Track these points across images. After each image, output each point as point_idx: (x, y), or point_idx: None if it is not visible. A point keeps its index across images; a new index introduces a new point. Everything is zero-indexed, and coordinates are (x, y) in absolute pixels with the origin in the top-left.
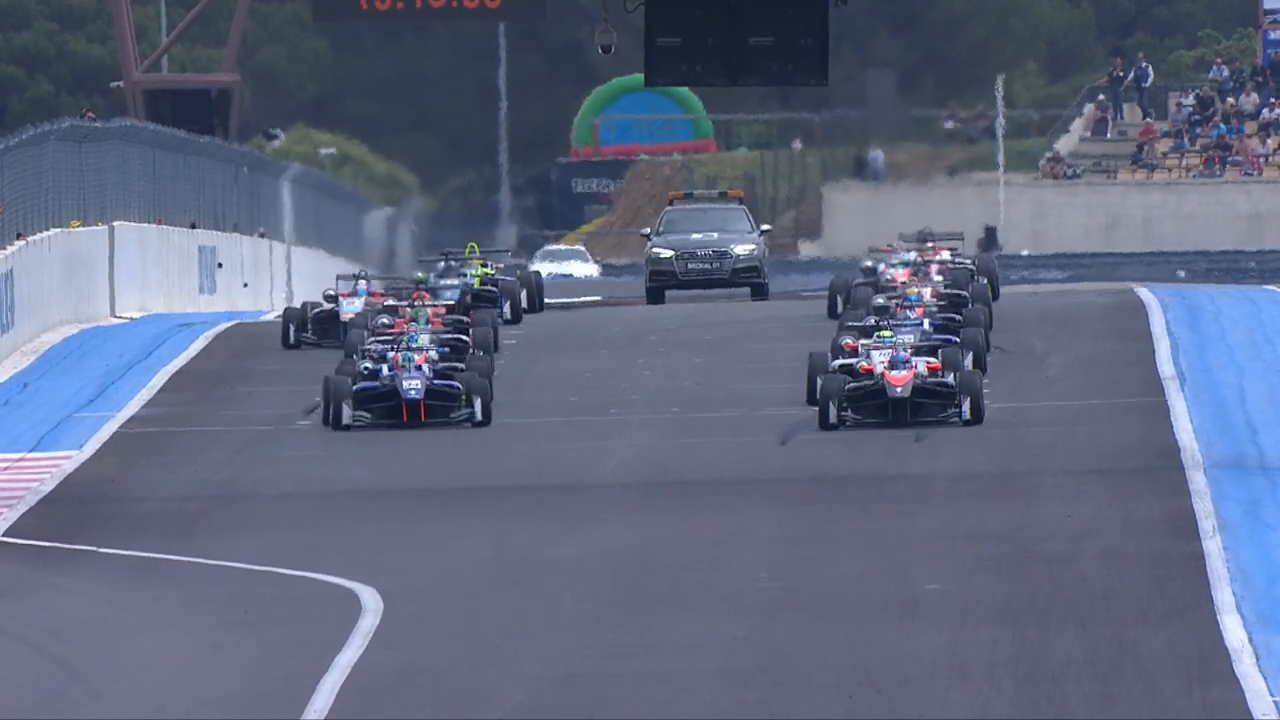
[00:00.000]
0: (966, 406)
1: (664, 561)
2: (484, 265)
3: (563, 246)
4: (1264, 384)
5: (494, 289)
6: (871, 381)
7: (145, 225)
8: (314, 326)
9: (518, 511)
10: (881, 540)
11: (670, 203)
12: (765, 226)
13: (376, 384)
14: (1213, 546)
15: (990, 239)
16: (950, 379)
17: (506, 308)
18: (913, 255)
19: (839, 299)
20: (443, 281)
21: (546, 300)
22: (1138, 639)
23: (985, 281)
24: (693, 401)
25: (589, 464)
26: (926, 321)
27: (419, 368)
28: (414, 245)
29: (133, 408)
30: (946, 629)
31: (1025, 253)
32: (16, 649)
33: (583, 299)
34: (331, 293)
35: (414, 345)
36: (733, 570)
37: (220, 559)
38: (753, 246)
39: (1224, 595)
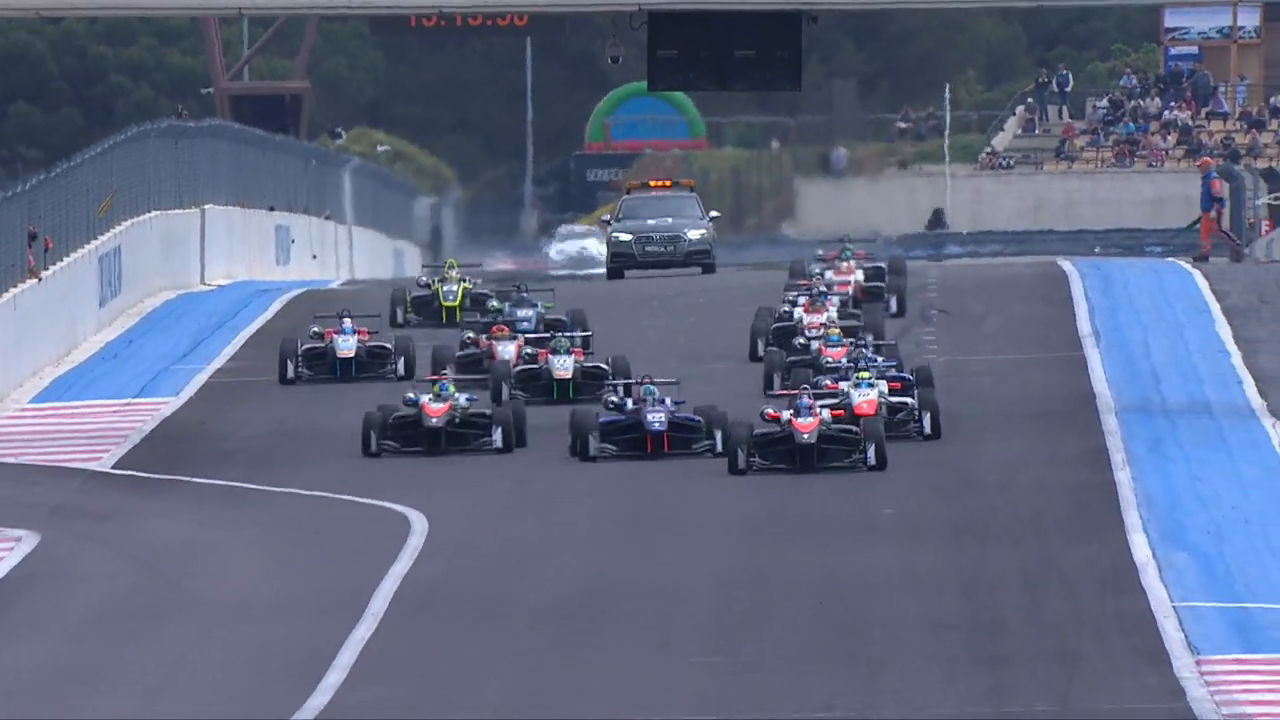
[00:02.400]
0: (871, 452)
1: (664, 494)
2: (463, 280)
3: (578, 227)
4: (1165, 340)
5: (564, 318)
6: (779, 429)
7: (230, 208)
8: (305, 361)
9: (538, 448)
10: (844, 472)
11: (628, 191)
12: (714, 213)
13: (622, 417)
14: (1123, 477)
15: (938, 219)
16: (855, 427)
17: (578, 330)
18: (829, 274)
19: (759, 341)
20: (519, 312)
21: (567, 274)
22: (1060, 555)
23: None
24: (688, 355)
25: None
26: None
27: (661, 401)
28: (456, 227)
29: (220, 361)
30: (900, 546)
31: (967, 231)
32: (124, 562)
33: (592, 271)
34: (318, 330)
35: (653, 395)
36: (721, 499)
37: (292, 487)
38: (703, 231)
39: (1132, 518)
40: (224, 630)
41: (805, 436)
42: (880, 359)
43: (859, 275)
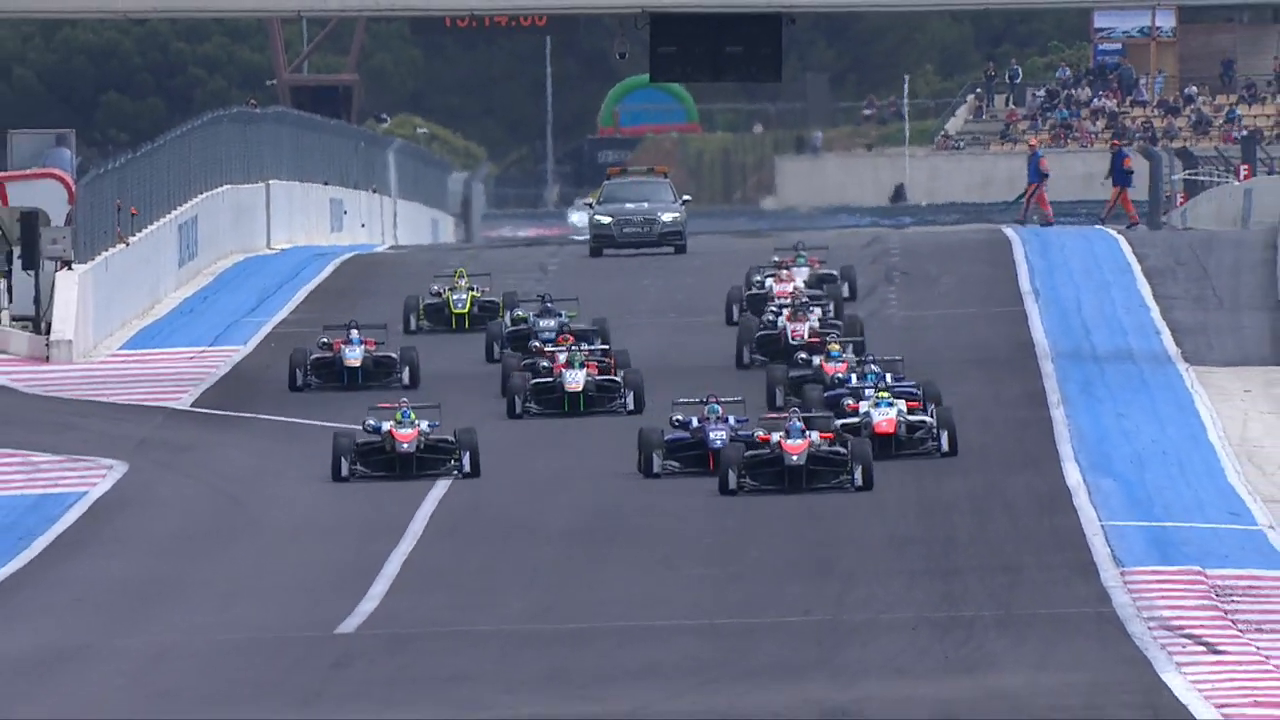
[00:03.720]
0: (859, 473)
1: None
2: (472, 289)
3: (591, 200)
4: (1094, 298)
5: (590, 328)
6: (769, 450)
7: (291, 182)
8: (314, 370)
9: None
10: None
11: (609, 177)
12: (686, 197)
13: (686, 435)
14: (1058, 414)
15: (899, 193)
16: (843, 449)
17: (598, 342)
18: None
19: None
20: (542, 323)
21: (579, 239)
22: (1004, 481)
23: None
24: (686, 309)
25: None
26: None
27: (725, 420)
28: (485, 199)
29: (282, 314)
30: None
31: (924, 203)
32: (199, 488)
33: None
34: (326, 340)
35: (715, 414)
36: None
37: (343, 423)
38: (676, 214)
39: (1065, 449)
40: (286, 547)
41: (795, 458)
42: (879, 370)
43: (799, 283)
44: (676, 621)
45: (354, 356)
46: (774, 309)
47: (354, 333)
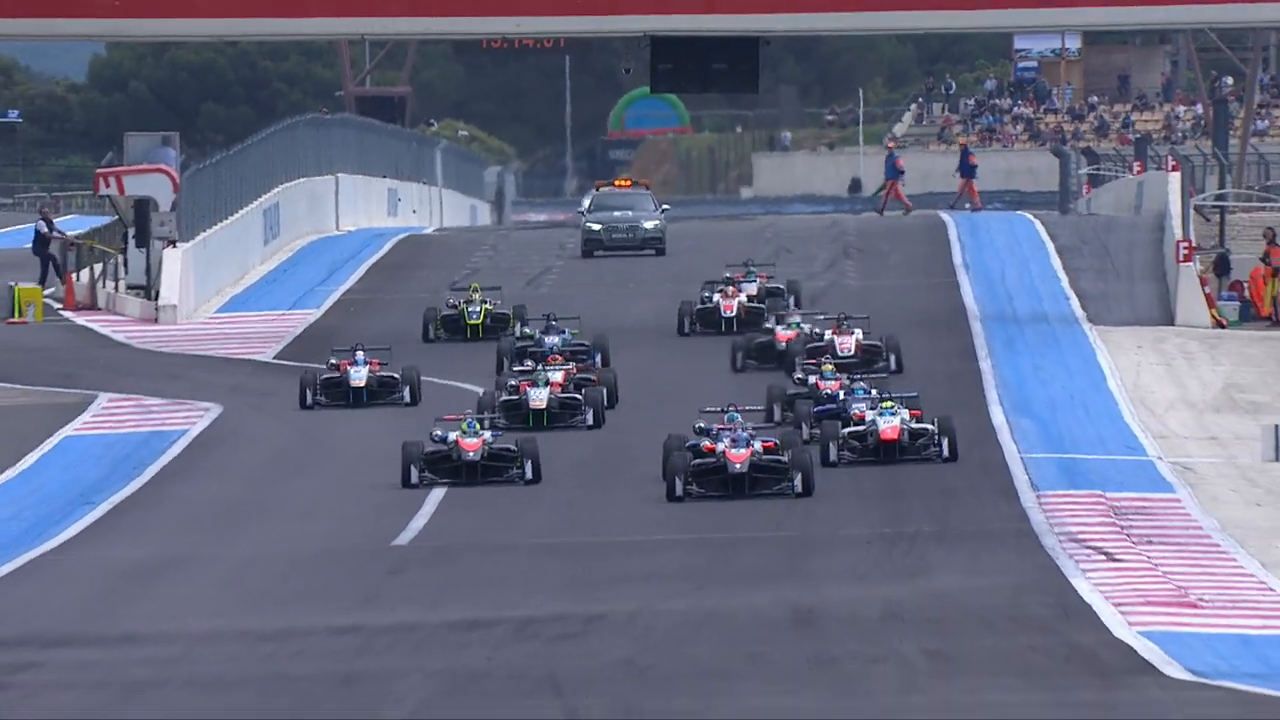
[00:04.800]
0: (799, 480)
1: (666, 381)
2: (485, 302)
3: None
4: (1015, 270)
5: (585, 344)
6: (714, 459)
7: (356, 175)
8: (323, 390)
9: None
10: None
11: (597, 188)
12: (665, 206)
13: (712, 459)
14: (985, 366)
15: (856, 185)
16: (785, 456)
17: (598, 359)
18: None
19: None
20: (548, 340)
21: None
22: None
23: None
24: (681, 280)
25: (619, 314)
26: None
27: (748, 432)
28: (517, 190)
29: (348, 284)
30: None
31: (876, 193)
32: (280, 426)
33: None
34: (334, 361)
35: (733, 420)
36: (706, 381)
37: (422, 369)
38: (657, 221)
39: (992, 394)
40: (352, 475)
41: (737, 466)
42: (866, 387)
43: (743, 298)
44: (672, 537)
45: (359, 377)
46: (706, 293)
47: (359, 354)
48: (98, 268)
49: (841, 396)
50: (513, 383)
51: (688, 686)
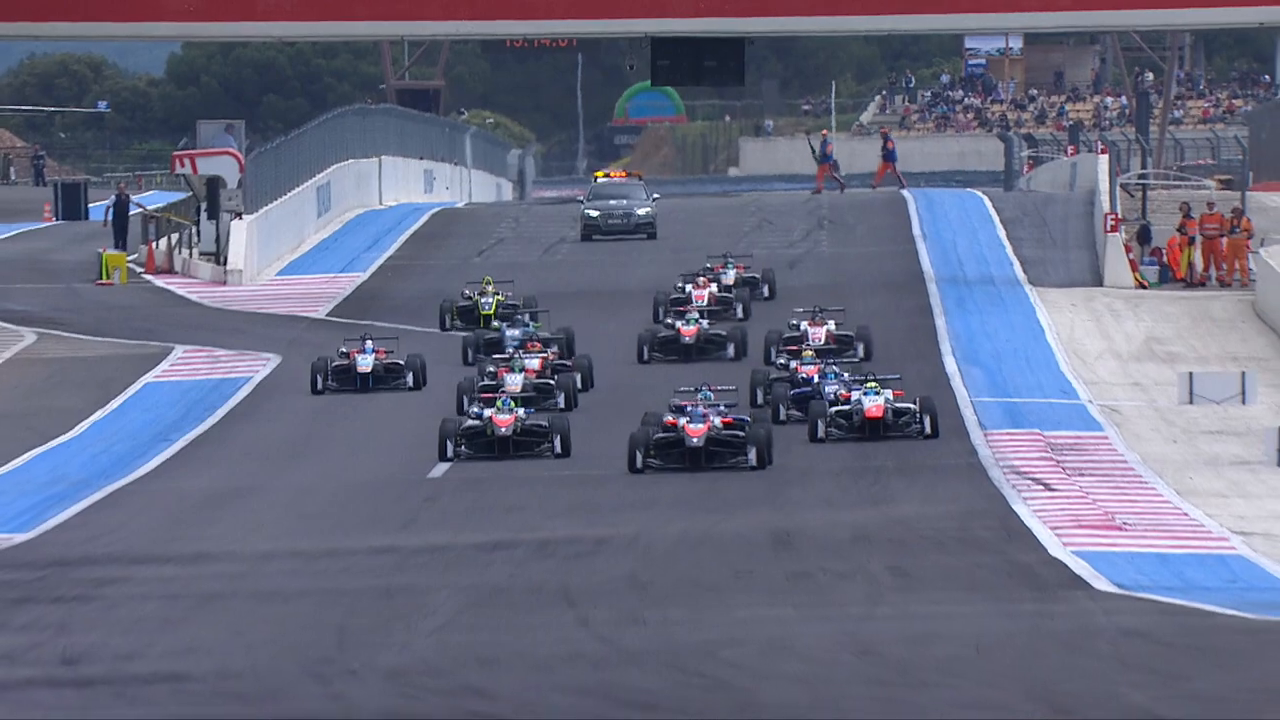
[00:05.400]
0: (753, 453)
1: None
2: (498, 294)
3: (608, 171)
4: (965, 239)
5: (548, 336)
6: (674, 434)
7: (396, 158)
8: (334, 376)
9: (578, 302)
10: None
11: (595, 179)
12: (656, 195)
13: (672, 433)
14: (940, 321)
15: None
16: (742, 430)
17: (566, 348)
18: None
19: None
20: (510, 332)
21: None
22: (902, 369)
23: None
24: (679, 247)
25: (621, 275)
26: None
27: (716, 407)
28: (536, 169)
29: (390, 251)
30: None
31: (845, 173)
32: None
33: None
34: (344, 350)
35: (708, 400)
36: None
37: (432, 328)
38: (649, 209)
39: (945, 347)
40: (393, 416)
41: (694, 440)
42: (838, 371)
43: (714, 288)
44: (665, 473)
45: (366, 364)
46: (669, 320)
47: (368, 343)
48: (174, 237)
49: (816, 380)
50: (491, 369)
51: (682, 599)
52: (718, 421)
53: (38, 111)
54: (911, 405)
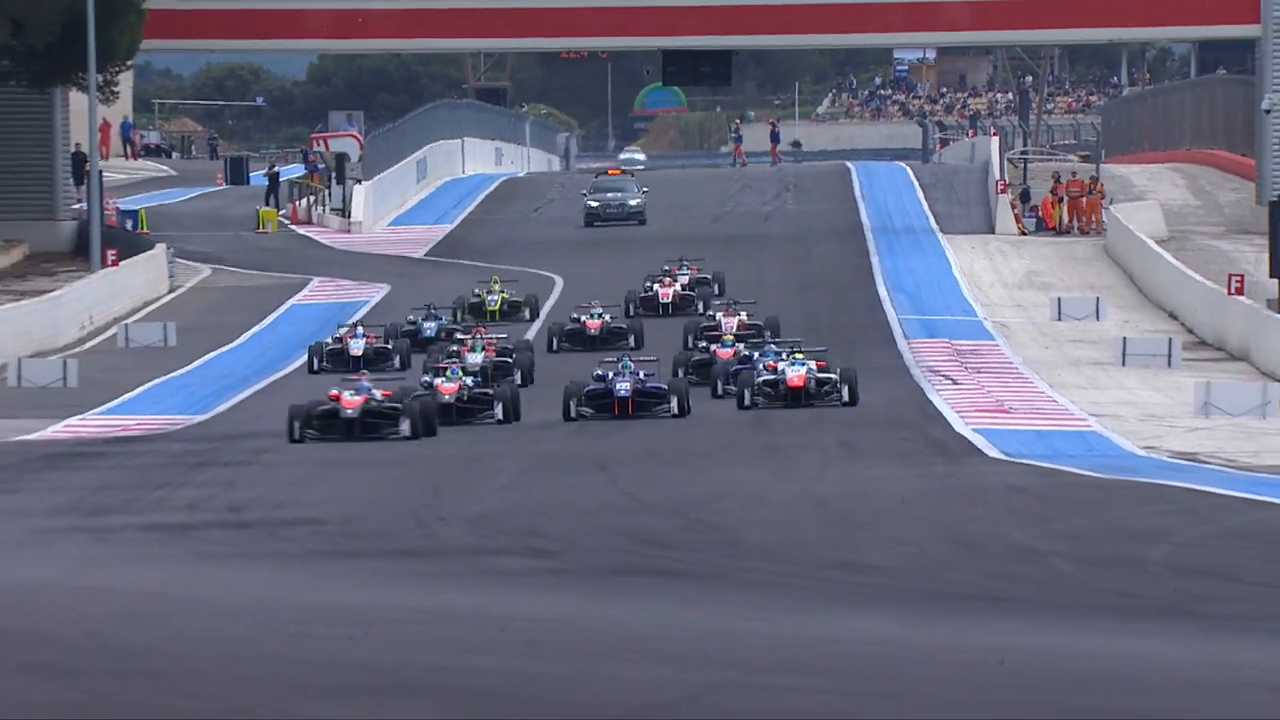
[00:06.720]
0: (674, 402)
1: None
2: (503, 291)
3: (631, 149)
4: (895, 199)
5: (457, 327)
6: (604, 385)
7: (475, 139)
8: (328, 358)
9: (611, 248)
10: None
11: (597, 175)
12: (645, 189)
13: (601, 386)
14: (875, 261)
15: (797, 145)
16: (665, 385)
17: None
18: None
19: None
20: (425, 324)
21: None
22: (846, 296)
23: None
24: (675, 218)
25: (633, 238)
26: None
27: (634, 373)
28: (577, 147)
29: (470, 209)
30: (778, 299)
31: (805, 150)
32: (430, 298)
33: (635, 166)
34: (338, 335)
35: (626, 369)
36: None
37: (505, 264)
38: (639, 200)
39: (879, 279)
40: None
41: (622, 391)
42: (750, 351)
43: (678, 287)
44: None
45: (357, 347)
46: (648, 283)
47: (360, 329)
48: (311, 198)
49: (755, 356)
50: (454, 347)
51: (684, 463)
52: (642, 375)
53: (212, 104)
54: (833, 376)
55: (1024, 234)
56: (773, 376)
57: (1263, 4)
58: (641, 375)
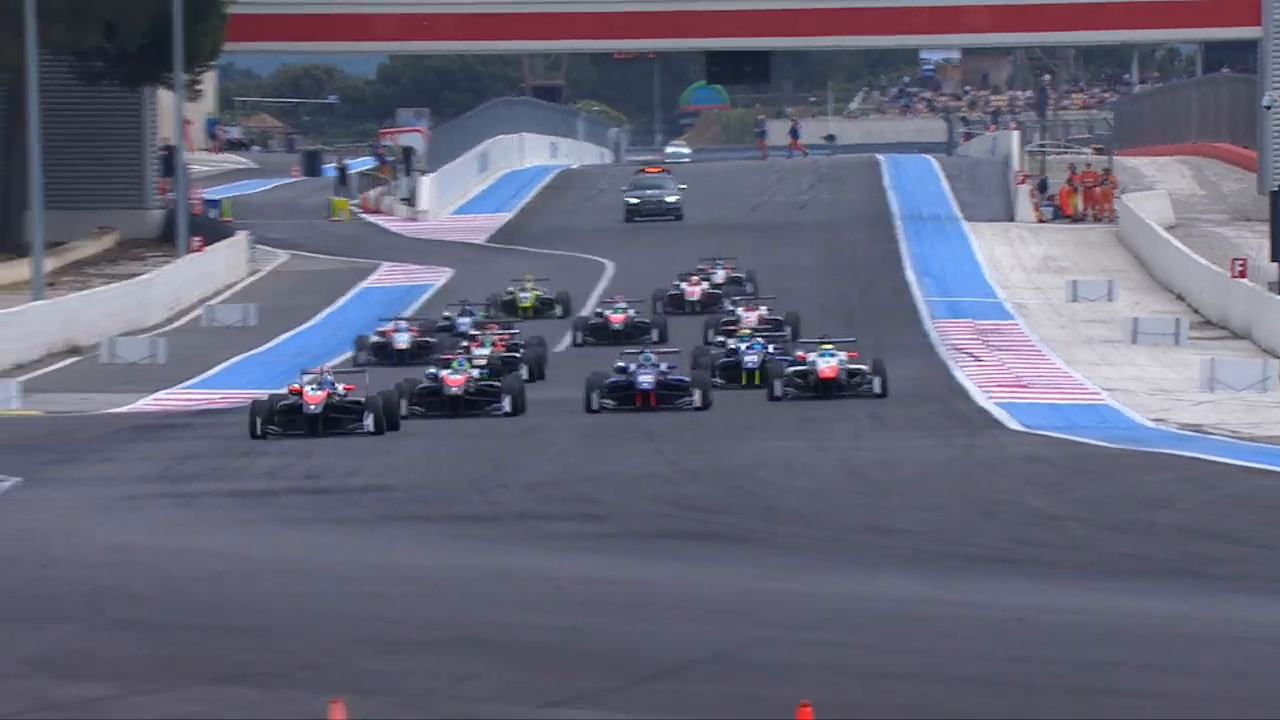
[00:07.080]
0: (698, 396)
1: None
2: (536, 290)
3: (677, 142)
4: (922, 189)
5: (498, 320)
6: (626, 378)
7: (532, 134)
8: (373, 351)
9: (658, 233)
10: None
11: (637, 173)
12: (683, 185)
13: (622, 379)
14: (903, 247)
15: (831, 139)
16: (686, 377)
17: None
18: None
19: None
20: (460, 320)
21: (674, 161)
22: (875, 280)
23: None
24: (717, 207)
25: (677, 225)
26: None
27: (655, 365)
28: (628, 141)
29: (528, 198)
30: (807, 280)
31: (839, 144)
32: (492, 281)
33: (681, 159)
34: (382, 330)
35: (647, 361)
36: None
37: (559, 250)
38: (677, 196)
39: (907, 263)
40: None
41: (645, 384)
42: (762, 343)
43: (706, 285)
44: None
45: (402, 341)
46: (677, 281)
47: (402, 323)
48: (381, 188)
49: (769, 349)
50: (464, 344)
51: (725, 435)
52: (665, 367)
53: (288, 102)
54: (864, 367)
55: (1042, 221)
56: (803, 367)
57: (1264, 7)
58: (664, 368)
